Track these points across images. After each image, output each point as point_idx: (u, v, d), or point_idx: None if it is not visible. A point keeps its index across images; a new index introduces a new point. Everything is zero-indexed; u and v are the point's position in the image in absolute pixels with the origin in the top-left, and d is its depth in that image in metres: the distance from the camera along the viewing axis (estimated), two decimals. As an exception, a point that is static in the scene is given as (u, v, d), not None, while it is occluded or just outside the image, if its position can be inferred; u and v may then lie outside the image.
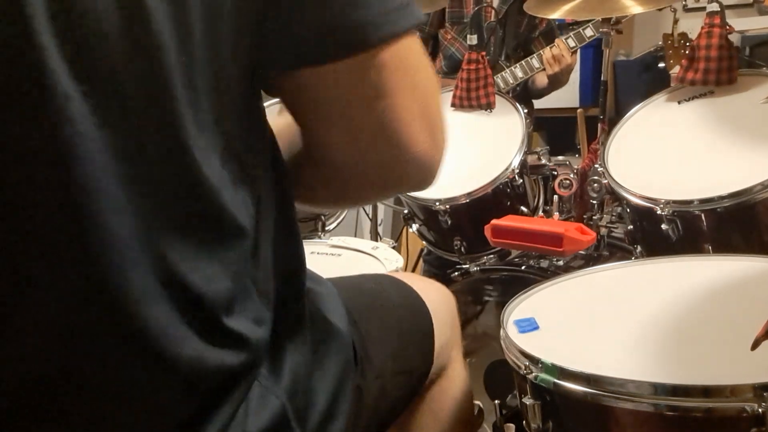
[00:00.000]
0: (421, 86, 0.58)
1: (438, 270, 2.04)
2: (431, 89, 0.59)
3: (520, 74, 2.25)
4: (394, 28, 0.54)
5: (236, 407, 0.58)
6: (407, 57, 0.57)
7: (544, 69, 2.25)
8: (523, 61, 2.24)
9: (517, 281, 1.53)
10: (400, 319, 0.85)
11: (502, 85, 2.22)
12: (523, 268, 1.57)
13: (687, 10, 3.11)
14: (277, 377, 0.62)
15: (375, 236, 2.23)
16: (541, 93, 2.42)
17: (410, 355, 0.85)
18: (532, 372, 0.83)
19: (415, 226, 1.73)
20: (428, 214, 1.63)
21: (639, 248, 1.40)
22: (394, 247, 1.56)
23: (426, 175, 0.62)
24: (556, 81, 2.26)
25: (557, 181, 1.57)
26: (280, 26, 0.52)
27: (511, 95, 1.96)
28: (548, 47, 2.18)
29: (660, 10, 1.73)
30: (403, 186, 0.67)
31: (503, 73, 2.24)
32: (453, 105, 1.73)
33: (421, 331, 0.88)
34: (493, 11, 2.22)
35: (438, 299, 0.93)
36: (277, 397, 0.61)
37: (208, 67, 0.51)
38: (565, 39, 2.19)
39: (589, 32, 2.16)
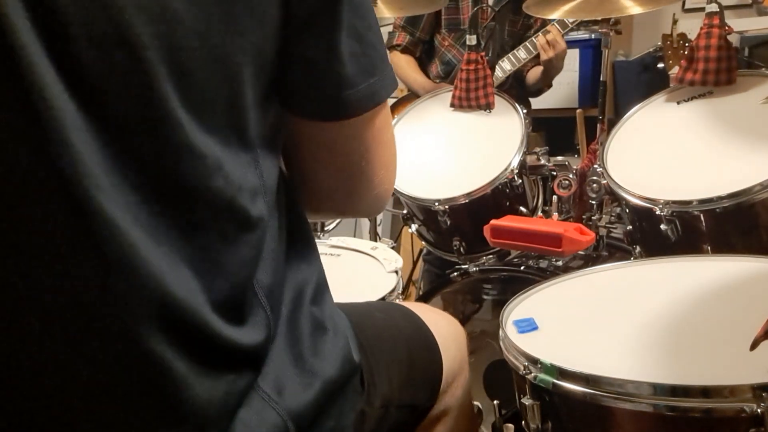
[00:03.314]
0: (390, 141, 0.72)
1: (439, 270, 2.04)
2: (393, 141, 0.74)
3: (508, 66, 2.25)
4: (389, 92, 0.66)
5: (233, 414, 0.58)
6: (387, 117, 0.70)
7: (533, 60, 2.24)
8: (510, 54, 2.23)
9: (516, 281, 1.53)
10: (409, 352, 0.84)
11: None
12: (522, 268, 1.57)
13: (686, 10, 3.12)
14: (280, 394, 0.61)
15: (374, 236, 2.23)
16: (539, 89, 2.42)
17: (417, 388, 0.84)
18: (531, 372, 0.83)
19: (414, 227, 1.73)
20: (427, 214, 1.63)
21: (638, 249, 1.40)
22: (393, 248, 1.56)
23: (381, 206, 0.77)
24: (551, 67, 2.25)
25: (556, 181, 1.57)
26: (307, 83, 0.61)
27: (504, 91, 1.96)
28: (541, 33, 2.18)
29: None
30: (362, 212, 0.82)
31: None
32: (452, 105, 1.73)
33: (430, 364, 0.86)
34: (489, 11, 2.22)
35: (447, 333, 0.91)
36: (278, 413, 0.60)
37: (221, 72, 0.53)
38: (535, 37, 2.20)
39: (557, 29, 2.16)
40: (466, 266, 1.61)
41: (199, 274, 0.54)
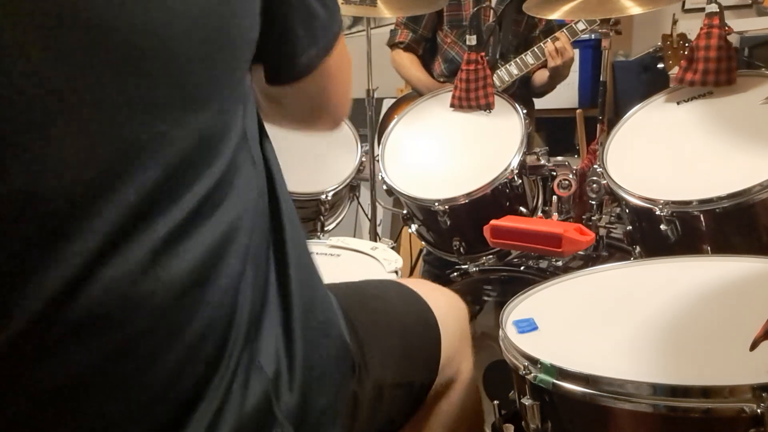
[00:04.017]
0: (346, 71, 0.79)
1: (439, 270, 2.03)
2: (349, 69, 0.80)
3: (515, 71, 2.24)
4: (337, 38, 0.73)
5: (227, 388, 0.58)
6: (341, 53, 0.75)
7: (541, 65, 2.24)
8: (517, 58, 2.23)
9: (516, 282, 1.53)
10: (404, 329, 0.84)
11: (497, 83, 2.22)
12: (522, 268, 1.57)
13: (686, 10, 3.12)
14: (270, 368, 0.61)
15: (374, 236, 2.22)
16: (544, 91, 2.41)
17: (413, 366, 0.84)
18: (531, 372, 0.83)
19: (414, 227, 1.73)
20: (427, 214, 1.63)
21: (638, 249, 1.40)
22: (393, 248, 1.56)
23: (337, 124, 0.85)
24: (557, 74, 2.25)
25: (556, 181, 1.57)
26: (269, 53, 0.66)
27: (510, 94, 1.96)
28: (550, 40, 2.18)
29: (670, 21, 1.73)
30: (321, 130, 0.88)
31: (498, 71, 2.23)
32: (452, 105, 1.73)
33: (427, 341, 0.86)
34: (492, 12, 2.22)
35: (447, 308, 0.91)
36: (260, 383, 0.60)
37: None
38: (543, 43, 2.19)
39: (581, 26, 2.15)
40: (466, 266, 1.61)
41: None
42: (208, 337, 0.56)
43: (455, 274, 1.61)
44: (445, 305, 0.92)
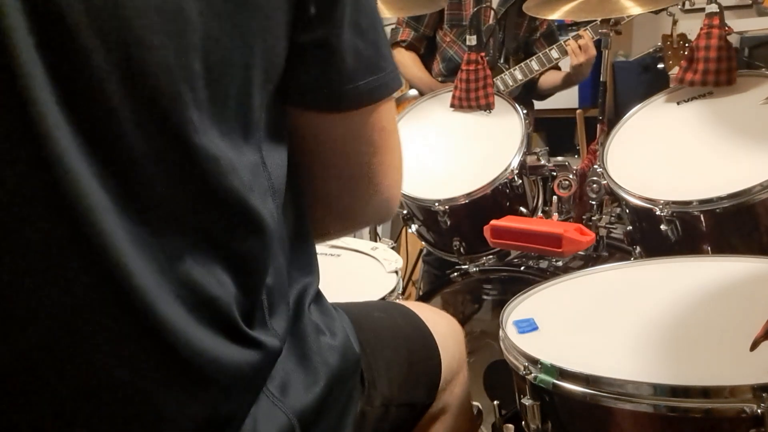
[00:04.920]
0: (398, 146, 0.71)
1: (438, 271, 2.04)
2: (400, 146, 0.72)
3: (519, 76, 2.24)
4: (389, 90, 0.65)
5: (244, 417, 0.59)
6: (393, 121, 0.69)
7: (546, 70, 2.24)
8: (522, 64, 2.23)
9: (516, 282, 1.52)
10: (409, 351, 0.84)
11: (501, 87, 2.22)
12: (522, 268, 1.57)
13: (686, 11, 3.11)
14: (284, 393, 0.62)
15: (374, 236, 2.22)
16: (549, 93, 2.41)
17: (417, 386, 0.84)
18: (531, 372, 0.83)
19: (414, 227, 1.73)
20: (427, 214, 1.63)
21: (638, 249, 1.40)
22: (393, 248, 1.56)
23: (390, 212, 0.75)
24: (579, 73, 2.24)
25: (556, 181, 1.57)
26: (308, 71, 0.60)
27: (511, 97, 1.96)
28: (572, 38, 2.17)
29: (658, 13, 1.74)
30: (371, 218, 0.81)
31: (502, 75, 2.23)
32: (452, 105, 1.73)
33: (429, 362, 0.87)
34: (492, 12, 2.21)
35: (446, 332, 0.92)
36: (284, 412, 0.61)
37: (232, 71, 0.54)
38: (565, 42, 2.19)
39: (589, 35, 2.16)
40: (466, 266, 1.61)
41: (214, 275, 0.55)
42: None
43: (455, 274, 1.61)
44: (445, 329, 0.92)
